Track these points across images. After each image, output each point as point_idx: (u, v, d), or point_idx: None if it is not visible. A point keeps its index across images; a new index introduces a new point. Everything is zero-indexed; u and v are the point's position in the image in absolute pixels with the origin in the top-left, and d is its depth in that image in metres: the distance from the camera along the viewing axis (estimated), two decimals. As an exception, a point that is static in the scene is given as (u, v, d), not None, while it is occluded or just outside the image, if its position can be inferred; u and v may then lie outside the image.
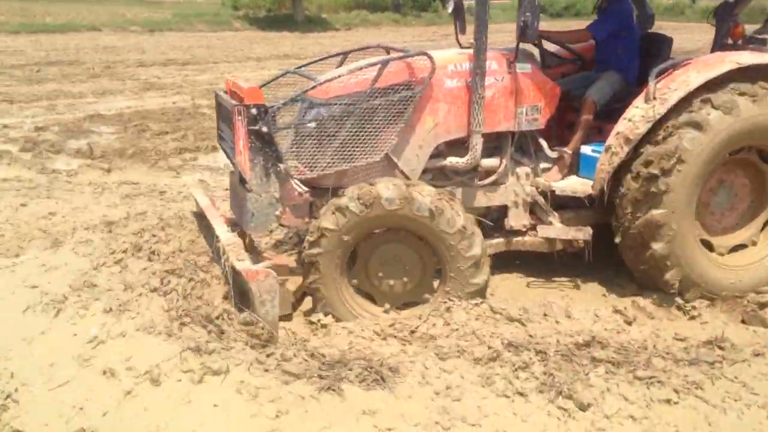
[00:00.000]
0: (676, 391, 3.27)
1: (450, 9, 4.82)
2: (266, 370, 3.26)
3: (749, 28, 4.93)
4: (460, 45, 4.89)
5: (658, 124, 4.21)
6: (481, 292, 4.16)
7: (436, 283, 4.28)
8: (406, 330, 3.88)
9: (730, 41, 4.88)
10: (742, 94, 4.18)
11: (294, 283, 4.33)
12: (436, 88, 4.33)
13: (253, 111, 3.98)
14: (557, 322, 3.97)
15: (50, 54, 20.02)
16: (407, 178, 4.32)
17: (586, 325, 3.96)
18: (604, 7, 4.99)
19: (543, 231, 4.58)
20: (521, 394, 3.24)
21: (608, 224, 4.59)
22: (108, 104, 12.16)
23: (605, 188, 4.38)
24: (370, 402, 3.10)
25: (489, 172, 4.59)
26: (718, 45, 4.92)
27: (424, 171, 4.48)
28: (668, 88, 4.23)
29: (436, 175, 4.56)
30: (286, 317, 4.18)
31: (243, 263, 3.80)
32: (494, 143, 4.59)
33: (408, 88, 4.26)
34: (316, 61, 4.65)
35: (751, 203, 4.66)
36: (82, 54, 20.06)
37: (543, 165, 4.75)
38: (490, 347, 3.61)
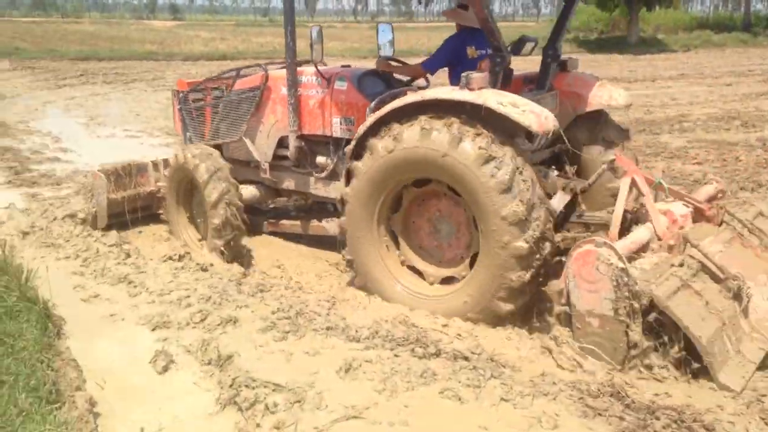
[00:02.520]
0: None
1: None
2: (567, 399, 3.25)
3: None
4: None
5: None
6: (220, 231, 5.31)
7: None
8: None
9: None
10: (419, 126, 4.21)
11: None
12: (274, 93, 5.74)
13: (180, 95, 6.39)
14: None
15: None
16: (259, 158, 5.86)
17: None
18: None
19: (326, 224, 5.72)
20: None
21: None
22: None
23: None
24: (677, 459, 2.89)
25: (323, 168, 5.53)
26: None
27: (287, 157, 5.65)
28: (373, 114, 4.58)
29: (297, 161, 5.66)
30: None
31: (94, 168, 6.13)
32: (330, 145, 5.50)
33: (250, 91, 5.86)
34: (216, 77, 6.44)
35: (471, 237, 4.50)
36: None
37: None
38: (828, 421, 3.11)
